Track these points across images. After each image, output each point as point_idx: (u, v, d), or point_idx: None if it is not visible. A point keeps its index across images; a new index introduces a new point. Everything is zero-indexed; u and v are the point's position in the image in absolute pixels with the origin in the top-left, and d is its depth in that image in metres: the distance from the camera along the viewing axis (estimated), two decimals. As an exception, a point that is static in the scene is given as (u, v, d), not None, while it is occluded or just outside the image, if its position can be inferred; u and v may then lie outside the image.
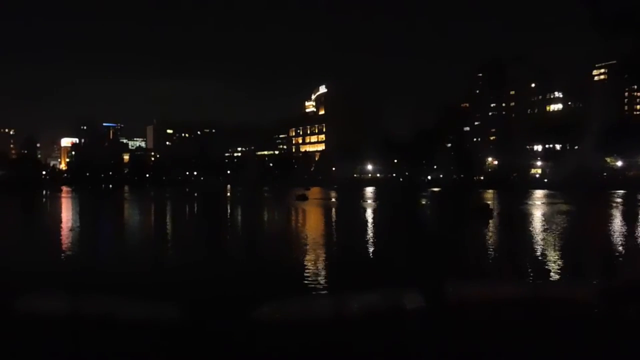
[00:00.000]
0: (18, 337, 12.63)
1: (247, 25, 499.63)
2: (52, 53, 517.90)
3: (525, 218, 45.12)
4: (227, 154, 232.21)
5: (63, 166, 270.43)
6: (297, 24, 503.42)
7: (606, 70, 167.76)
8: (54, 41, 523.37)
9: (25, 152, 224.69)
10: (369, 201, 75.42)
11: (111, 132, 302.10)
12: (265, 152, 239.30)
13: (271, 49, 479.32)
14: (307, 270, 20.91)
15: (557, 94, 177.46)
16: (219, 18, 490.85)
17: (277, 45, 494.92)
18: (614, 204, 63.05)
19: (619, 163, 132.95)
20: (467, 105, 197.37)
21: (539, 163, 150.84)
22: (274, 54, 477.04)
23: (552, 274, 19.78)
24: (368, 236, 33.19)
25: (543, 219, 44.29)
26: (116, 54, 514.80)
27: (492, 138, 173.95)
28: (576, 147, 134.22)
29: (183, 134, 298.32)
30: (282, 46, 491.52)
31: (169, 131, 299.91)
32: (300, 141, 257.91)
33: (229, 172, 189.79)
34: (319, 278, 19.52)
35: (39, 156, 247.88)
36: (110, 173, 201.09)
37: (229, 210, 60.28)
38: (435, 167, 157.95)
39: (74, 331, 12.94)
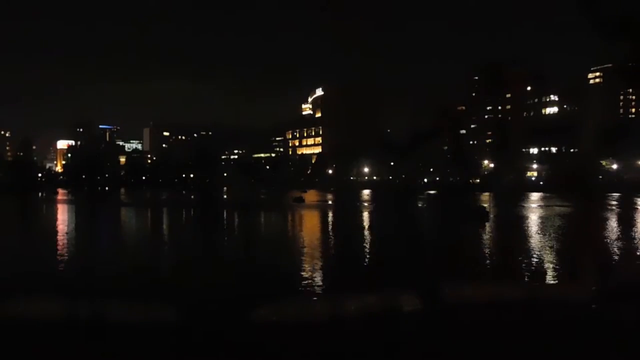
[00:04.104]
0: (11, 341, 12.55)
1: (244, 28, 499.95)
2: (48, 55, 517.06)
3: (521, 220, 45.22)
4: (223, 157, 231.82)
5: (59, 168, 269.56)
6: (293, 26, 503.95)
7: (602, 74, 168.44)
8: (50, 43, 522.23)
9: (21, 154, 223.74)
10: (366, 204, 75.46)
11: (107, 134, 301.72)
12: (262, 155, 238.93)
13: (268, 51, 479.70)
14: (304, 272, 20.92)
15: (553, 97, 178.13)
16: (216, 20, 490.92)
17: (275, 48, 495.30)
18: (610, 207, 63.26)
19: (615, 166, 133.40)
20: (464, 107, 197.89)
21: (534, 166, 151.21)
22: (272, 57, 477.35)
23: (548, 275, 19.85)
24: (364, 238, 33.22)
25: (539, 221, 44.42)
26: (113, 55, 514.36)
27: (488, 141, 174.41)
28: (572, 150, 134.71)
29: (179, 136, 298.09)
30: (279, 48, 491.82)
31: (166, 133, 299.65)
32: (297, 144, 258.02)
33: (225, 174, 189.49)
34: (316, 280, 19.53)
35: (35, 158, 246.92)
36: (107, 175, 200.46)
37: (226, 213, 60.17)
38: (431, 169, 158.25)
39: (69, 334, 12.91)
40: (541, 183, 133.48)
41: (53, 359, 11.62)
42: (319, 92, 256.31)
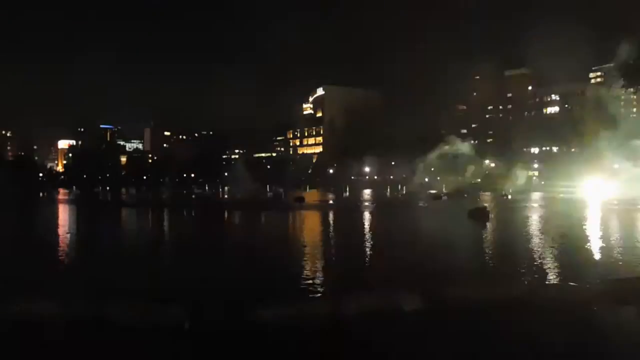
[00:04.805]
0: (11, 344, 12.58)
1: (245, 27, 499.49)
2: (49, 54, 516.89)
3: (523, 220, 45.23)
4: (224, 156, 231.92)
5: (60, 168, 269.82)
6: (294, 25, 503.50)
7: (603, 73, 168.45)
8: (52, 42, 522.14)
9: (22, 153, 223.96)
10: (367, 203, 75.49)
11: (108, 134, 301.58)
12: (263, 155, 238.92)
13: (269, 51, 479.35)
14: (305, 272, 20.94)
15: (554, 97, 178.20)
16: (216, 20, 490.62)
17: (275, 46, 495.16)
18: (611, 207, 63.22)
19: (616, 165, 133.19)
20: (465, 107, 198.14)
21: (536, 165, 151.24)
22: (272, 55, 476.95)
23: (550, 275, 19.86)
24: (365, 238, 33.26)
25: (540, 221, 44.43)
26: (113, 54, 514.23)
27: (489, 140, 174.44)
28: (573, 150, 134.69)
29: (180, 136, 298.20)
30: (280, 47, 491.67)
31: (167, 133, 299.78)
32: (298, 143, 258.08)
33: (226, 174, 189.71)
34: (317, 280, 19.56)
35: (36, 158, 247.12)
36: (108, 175, 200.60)
37: (227, 213, 60.26)
38: (432, 169, 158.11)
39: (70, 335, 12.95)
40: (542, 183, 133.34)
41: (52, 359, 11.67)
42: (320, 91, 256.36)
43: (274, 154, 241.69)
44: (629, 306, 15.34)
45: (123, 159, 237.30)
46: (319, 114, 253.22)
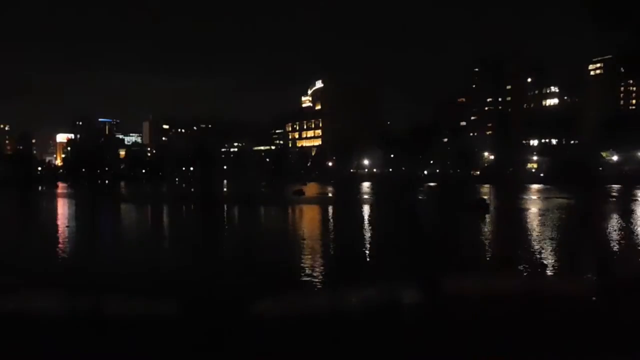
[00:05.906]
0: (11, 338, 12.52)
1: (243, 20, 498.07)
2: (47, 48, 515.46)
3: (521, 212, 45.21)
4: (223, 150, 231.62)
5: (59, 162, 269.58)
6: (293, 19, 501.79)
7: (602, 65, 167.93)
8: (50, 36, 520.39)
9: (21, 147, 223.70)
10: (366, 196, 75.44)
11: (107, 127, 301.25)
12: (262, 147, 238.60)
13: (268, 44, 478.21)
14: (304, 265, 20.90)
15: (554, 89, 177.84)
16: (215, 14, 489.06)
17: (274, 41, 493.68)
18: (610, 199, 63.25)
19: (615, 157, 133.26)
20: (464, 99, 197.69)
21: (535, 157, 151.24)
22: (270, 49, 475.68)
23: (548, 268, 19.83)
24: (365, 231, 33.21)
25: (539, 213, 44.39)
26: (112, 49, 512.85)
27: (488, 133, 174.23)
28: (572, 142, 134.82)
29: (179, 130, 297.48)
30: (278, 41, 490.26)
31: (165, 127, 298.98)
32: (297, 136, 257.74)
33: (225, 167, 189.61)
34: (317, 273, 19.51)
35: (35, 152, 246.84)
36: (106, 168, 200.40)
37: (226, 206, 60.20)
38: (431, 162, 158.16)
39: (68, 330, 12.90)
40: (542, 175, 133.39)
41: (51, 354, 11.61)
42: (319, 84, 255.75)
43: (272, 147, 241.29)
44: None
45: (122, 153, 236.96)
46: (318, 107, 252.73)
